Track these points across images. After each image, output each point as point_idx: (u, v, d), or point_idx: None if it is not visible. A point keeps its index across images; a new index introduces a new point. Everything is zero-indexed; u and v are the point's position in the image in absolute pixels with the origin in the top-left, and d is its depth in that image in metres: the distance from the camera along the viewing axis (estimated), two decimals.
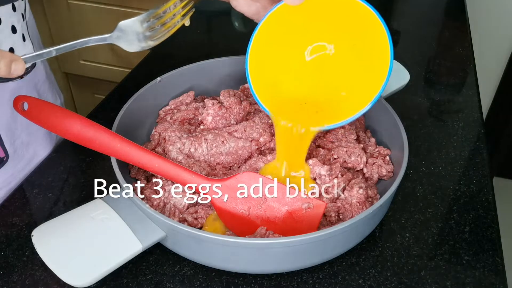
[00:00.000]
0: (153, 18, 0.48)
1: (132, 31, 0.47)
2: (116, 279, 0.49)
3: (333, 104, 0.52)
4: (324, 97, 0.52)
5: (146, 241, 0.47)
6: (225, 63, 0.69)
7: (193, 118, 0.63)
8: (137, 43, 0.48)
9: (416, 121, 0.71)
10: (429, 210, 0.56)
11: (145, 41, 0.49)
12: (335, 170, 0.54)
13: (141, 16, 0.47)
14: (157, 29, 0.49)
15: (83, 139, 0.51)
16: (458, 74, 0.84)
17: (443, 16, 1.05)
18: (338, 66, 0.51)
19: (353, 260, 0.51)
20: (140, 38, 0.48)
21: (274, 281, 0.49)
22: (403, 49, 0.90)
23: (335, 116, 0.51)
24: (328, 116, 0.51)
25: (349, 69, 0.51)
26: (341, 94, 0.51)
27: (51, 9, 1.38)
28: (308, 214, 0.50)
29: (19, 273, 0.49)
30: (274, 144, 0.58)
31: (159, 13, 0.49)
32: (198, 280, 0.49)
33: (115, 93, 0.76)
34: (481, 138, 0.68)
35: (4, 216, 0.55)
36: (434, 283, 0.49)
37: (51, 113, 0.51)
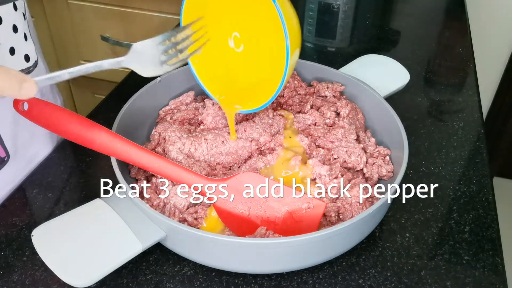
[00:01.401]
0: (169, 42, 0.47)
1: (147, 53, 0.46)
2: (116, 279, 0.49)
3: (250, 91, 0.58)
4: (243, 83, 0.58)
5: (146, 241, 0.47)
6: None
7: (193, 118, 0.63)
8: (152, 66, 0.46)
9: (416, 121, 0.71)
10: (429, 210, 0.56)
11: (160, 65, 0.47)
12: (335, 170, 0.54)
13: (156, 38, 0.46)
14: (172, 54, 0.47)
15: (83, 139, 0.51)
16: (458, 74, 0.84)
17: (443, 16, 1.05)
18: (250, 56, 0.56)
19: (353, 260, 0.51)
20: (155, 61, 0.46)
21: (274, 281, 0.49)
22: (403, 49, 0.90)
23: (251, 102, 0.56)
24: (246, 100, 0.57)
25: (258, 60, 0.55)
26: (255, 82, 0.57)
27: (51, 9, 1.38)
28: (308, 214, 0.50)
29: (19, 273, 0.49)
30: (274, 144, 0.58)
31: (177, 39, 0.48)
32: (198, 280, 0.49)
33: (115, 93, 0.76)
34: (481, 138, 0.68)
35: (4, 216, 0.55)
36: (434, 283, 0.49)
37: (51, 113, 0.51)
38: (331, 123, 0.62)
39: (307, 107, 0.64)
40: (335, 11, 0.97)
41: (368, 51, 0.75)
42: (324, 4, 0.98)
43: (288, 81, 0.64)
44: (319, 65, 0.68)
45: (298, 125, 0.61)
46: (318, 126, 0.61)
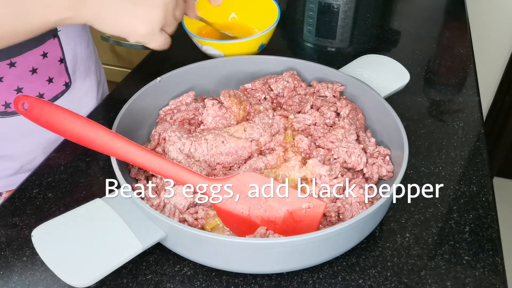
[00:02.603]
0: None
1: None
2: (116, 279, 0.49)
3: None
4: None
5: (146, 241, 0.47)
6: (225, 63, 0.69)
7: (193, 118, 0.63)
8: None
9: (416, 121, 0.71)
10: (429, 210, 0.56)
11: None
12: (335, 170, 0.54)
13: None
14: None
15: (83, 139, 0.51)
16: (458, 74, 0.84)
17: (443, 16, 1.05)
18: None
19: (353, 260, 0.51)
20: None
21: (274, 281, 0.49)
22: (403, 49, 0.90)
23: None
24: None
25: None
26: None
27: None
28: (308, 214, 0.50)
29: (19, 273, 0.49)
30: (274, 144, 0.58)
31: None
32: (198, 280, 0.49)
33: (115, 93, 0.76)
34: (481, 138, 0.68)
35: (4, 216, 0.55)
36: (434, 283, 0.49)
37: (51, 113, 0.51)
38: (331, 123, 0.62)
39: (307, 107, 0.64)
40: (335, 11, 0.97)
41: (368, 51, 0.75)
42: (324, 4, 0.98)
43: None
44: (319, 65, 0.68)
45: (298, 125, 0.61)
46: (318, 126, 0.61)
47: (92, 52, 0.77)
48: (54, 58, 0.66)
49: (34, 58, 0.63)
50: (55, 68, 0.67)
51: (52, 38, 0.65)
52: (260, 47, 0.73)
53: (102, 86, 0.83)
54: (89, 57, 0.75)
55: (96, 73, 0.79)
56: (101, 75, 0.83)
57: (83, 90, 0.74)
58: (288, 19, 1.00)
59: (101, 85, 0.81)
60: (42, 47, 0.64)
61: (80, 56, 0.71)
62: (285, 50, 0.92)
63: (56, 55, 0.66)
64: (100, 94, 0.81)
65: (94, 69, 0.78)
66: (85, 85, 0.75)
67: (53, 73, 0.67)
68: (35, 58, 0.63)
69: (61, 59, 0.67)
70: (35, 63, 0.64)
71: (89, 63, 0.75)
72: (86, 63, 0.74)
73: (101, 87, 0.81)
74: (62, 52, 0.67)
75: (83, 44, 0.72)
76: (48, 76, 0.66)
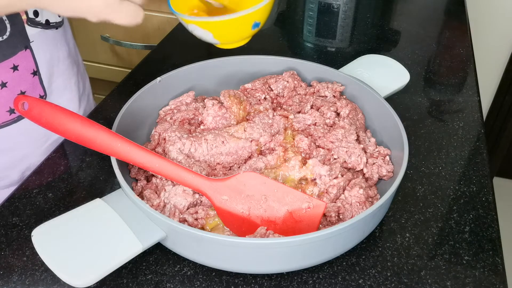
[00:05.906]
0: None
1: None
2: (116, 279, 0.49)
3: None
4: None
5: (146, 241, 0.47)
6: (225, 63, 0.69)
7: (193, 118, 0.63)
8: None
9: (416, 121, 0.71)
10: (429, 210, 0.56)
11: None
12: (335, 170, 0.54)
13: None
14: None
15: (83, 139, 0.51)
16: (458, 74, 0.84)
17: (443, 16, 1.05)
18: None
19: (353, 260, 0.51)
20: None
21: (274, 281, 0.49)
22: (403, 49, 0.90)
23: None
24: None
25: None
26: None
27: None
28: (308, 214, 0.50)
29: (19, 273, 0.49)
30: (274, 144, 0.58)
31: None
32: (198, 280, 0.49)
33: (115, 93, 0.76)
34: (481, 138, 0.68)
35: (4, 216, 0.55)
36: (434, 283, 0.49)
37: (51, 113, 0.51)
38: (331, 123, 0.62)
39: (307, 107, 0.64)
40: (335, 11, 0.97)
41: (368, 51, 0.75)
42: (324, 4, 0.98)
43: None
44: (319, 65, 0.68)
45: (298, 125, 0.61)
46: (318, 126, 0.61)
47: (73, 64, 0.74)
48: (26, 71, 0.63)
49: (4, 71, 0.61)
50: (28, 81, 0.64)
51: (24, 49, 0.62)
52: (254, 26, 0.62)
53: (87, 98, 0.80)
54: (69, 68, 0.72)
55: (78, 84, 0.76)
56: (85, 87, 0.80)
57: (60, 103, 0.67)
58: (288, 19, 1.00)
59: (84, 97, 0.79)
60: (12, 59, 0.61)
61: (57, 68, 0.69)
62: (285, 50, 0.92)
63: (29, 68, 0.64)
64: (84, 106, 0.78)
65: (76, 80, 0.75)
66: (64, 98, 0.72)
67: (25, 87, 0.64)
68: (4, 72, 0.61)
69: (34, 72, 0.65)
70: (5, 77, 0.61)
71: (69, 75, 0.72)
72: (65, 75, 0.71)
73: (84, 99, 0.79)
74: (35, 64, 0.65)
75: (61, 55, 0.70)
76: (20, 90, 0.64)
